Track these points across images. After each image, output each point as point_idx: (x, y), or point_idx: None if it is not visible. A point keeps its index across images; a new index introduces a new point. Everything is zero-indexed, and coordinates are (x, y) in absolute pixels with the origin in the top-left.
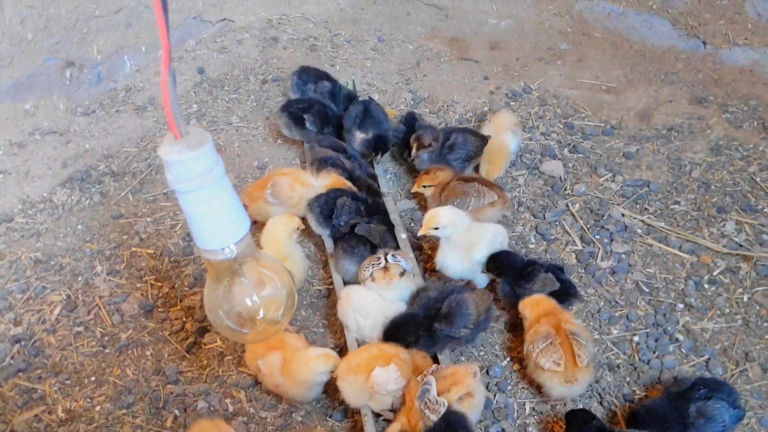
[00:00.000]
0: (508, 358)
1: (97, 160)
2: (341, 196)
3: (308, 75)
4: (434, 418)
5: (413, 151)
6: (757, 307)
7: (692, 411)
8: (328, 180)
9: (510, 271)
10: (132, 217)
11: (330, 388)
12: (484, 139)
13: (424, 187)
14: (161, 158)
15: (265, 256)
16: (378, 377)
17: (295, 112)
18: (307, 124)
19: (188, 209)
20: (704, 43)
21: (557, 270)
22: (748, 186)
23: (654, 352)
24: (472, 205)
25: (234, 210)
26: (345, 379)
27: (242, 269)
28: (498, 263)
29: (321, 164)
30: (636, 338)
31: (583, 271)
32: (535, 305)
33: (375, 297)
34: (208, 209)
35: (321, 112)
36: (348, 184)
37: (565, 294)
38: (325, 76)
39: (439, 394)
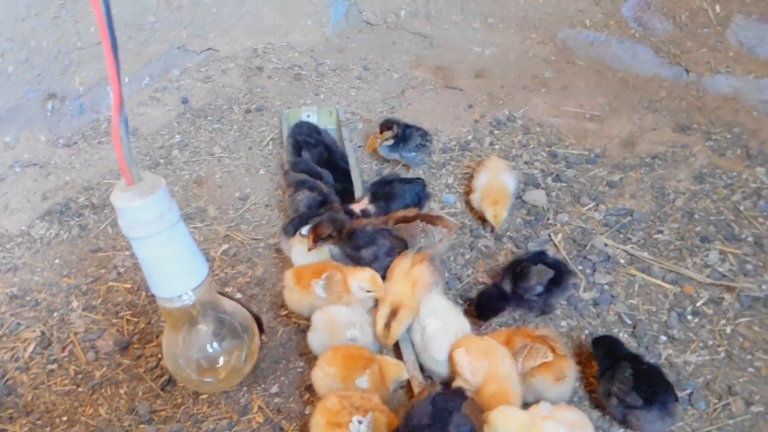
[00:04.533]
0: None
1: (78, 192)
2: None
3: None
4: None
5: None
6: (741, 339)
7: None
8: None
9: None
10: (110, 251)
11: None
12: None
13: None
14: (112, 205)
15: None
16: None
17: (299, 140)
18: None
19: (142, 256)
20: (687, 71)
21: (542, 256)
22: (731, 215)
23: None
24: (423, 245)
25: (190, 256)
26: None
27: (201, 316)
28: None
29: (297, 187)
30: None
31: (565, 302)
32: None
33: (348, 310)
34: (163, 255)
35: (322, 154)
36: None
37: (561, 275)
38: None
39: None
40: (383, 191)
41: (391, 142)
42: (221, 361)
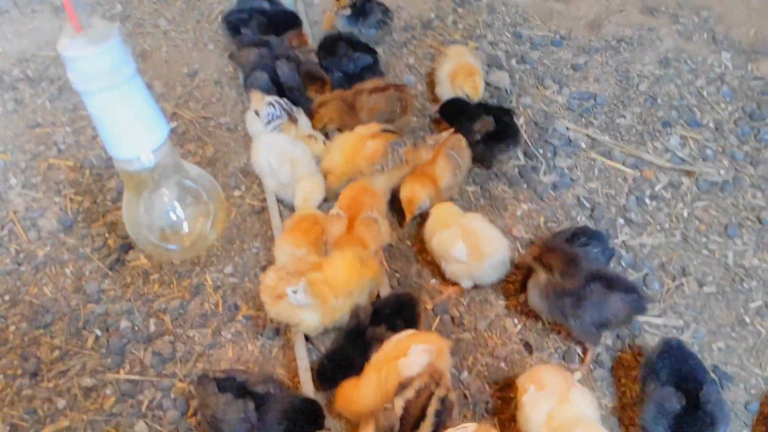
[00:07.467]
0: None
1: (11, 64)
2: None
3: None
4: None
5: None
6: (697, 223)
7: None
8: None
9: None
10: (50, 127)
11: (262, 312)
12: None
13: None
14: (60, 54)
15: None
16: None
17: (233, 22)
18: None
19: (95, 113)
20: None
21: (504, 112)
22: (694, 100)
23: None
24: (397, 118)
25: (149, 114)
26: None
27: (163, 181)
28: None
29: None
30: None
31: (525, 185)
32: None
33: (285, 139)
34: (119, 112)
35: (261, 23)
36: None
37: (503, 134)
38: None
39: None
40: None
41: (348, 11)
42: (185, 227)
